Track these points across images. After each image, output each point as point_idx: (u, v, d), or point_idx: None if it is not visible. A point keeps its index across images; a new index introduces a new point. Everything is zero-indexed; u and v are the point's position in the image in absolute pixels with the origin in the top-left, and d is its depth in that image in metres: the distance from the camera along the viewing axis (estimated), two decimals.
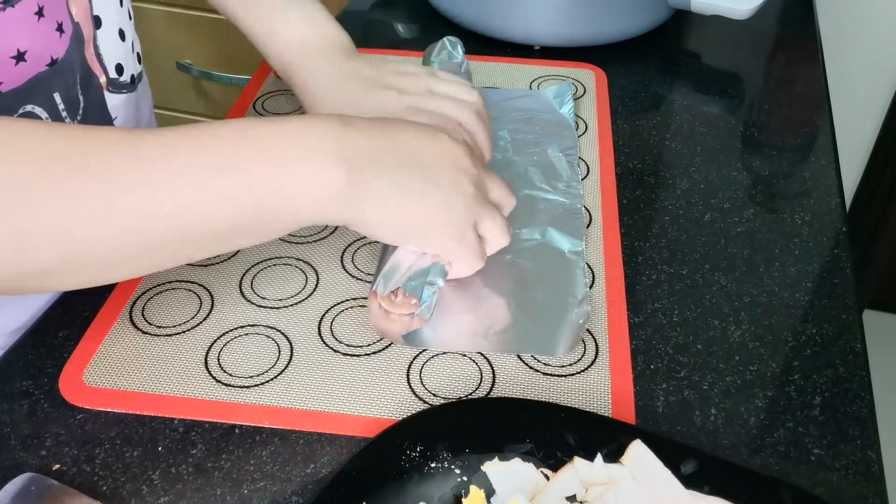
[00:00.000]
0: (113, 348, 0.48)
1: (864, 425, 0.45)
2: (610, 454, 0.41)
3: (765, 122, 0.72)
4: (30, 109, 0.50)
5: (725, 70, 0.80)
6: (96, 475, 0.42)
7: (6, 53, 0.47)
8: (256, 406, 0.45)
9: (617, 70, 0.76)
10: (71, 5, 0.52)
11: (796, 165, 0.67)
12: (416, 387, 0.46)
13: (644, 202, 0.61)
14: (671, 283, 0.54)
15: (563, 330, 0.49)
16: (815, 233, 0.59)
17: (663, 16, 0.82)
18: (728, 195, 0.62)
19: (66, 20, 0.51)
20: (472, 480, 0.40)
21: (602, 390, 0.47)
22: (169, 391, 0.46)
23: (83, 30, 0.54)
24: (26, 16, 0.48)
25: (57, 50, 0.50)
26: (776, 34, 0.87)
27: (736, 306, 0.52)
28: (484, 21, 0.80)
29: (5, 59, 0.47)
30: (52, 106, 0.52)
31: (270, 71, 0.75)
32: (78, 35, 0.53)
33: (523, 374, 0.47)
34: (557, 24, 0.79)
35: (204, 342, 0.49)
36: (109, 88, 0.58)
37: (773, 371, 0.48)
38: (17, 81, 0.48)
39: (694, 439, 0.44)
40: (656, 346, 0.50)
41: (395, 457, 0.41)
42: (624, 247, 0.57)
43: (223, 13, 0.65)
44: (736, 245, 0.57)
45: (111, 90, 0.59)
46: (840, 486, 0.43)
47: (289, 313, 0.51)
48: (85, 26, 0.54)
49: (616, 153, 0.66)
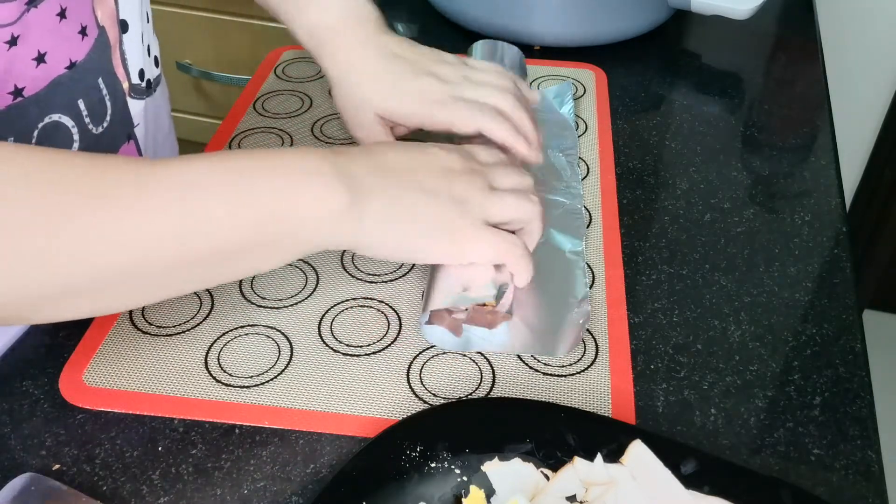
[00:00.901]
0: (113, 348, 0.48)
1: (864, 425, 0.45)
2: (610, 454, 0.41)
3: (765, 122, 0.72)
4: (56, 119, 0.50)
5: (725, 70, 0.80)
6: (96, 475, 0.42)
7: (28, 55, 0.47)
8: (256, 406, 0.45)
9: (617, 70, 0.76)
10: (97, 9, 0.51)
11: (796, 165, 0.67)
12: (416, 387, 0.46)
13: (644, 202, 0.61)
14: (671, 283, 0.54)
15: (563, 330, 0.49)
16: (815, 233, 0.59)
17: (663, 16, 0.82)
18: (728, 195, 0.62)
19: (90, 24, 0.51)
20: (472, 480, 0.40)
21: (602, 390, 0.47)
22: (169, 391, 0.46)
23: (109, 34, 0.53)
24: (48, 17, 0.47)
25: (77, 53, 0.50)
26: (776, 34, 0.87)
27: (736, 306, 0.52)
28: (484, 21, 0.80)
29: (27, 62, 0.47)
30: (77, 114, 0.51)
31: (270, 71, 0.75)
32: (104, 39, 0.53)
33: (523, 374, 0.47)
34: (557, 24, 0.79)
35: (204, 342, 0.49)
36: (131, 94, 0.58)
37: (773, 371, 0.48)
38: (39, 85, 0.48)
39: (694, 439, 0.44)
40: (656, 346, 0.50)
41: (395, 457, 0.41)
42: (624, 247, 0.57)
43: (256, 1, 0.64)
44: (736, 245, 0.57)
45: (132, 96, 0.58)
46: (840, 486, 0.43)
47: (289, 313, 0.51)
48: (111, 30, 0.54)
49: (616, 153, 0.66)
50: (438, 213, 0.47)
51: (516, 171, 0.52)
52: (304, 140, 0.66)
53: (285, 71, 0.75)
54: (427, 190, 0.46)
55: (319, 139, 0.66)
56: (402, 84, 0.57)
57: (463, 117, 0.56)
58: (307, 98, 0.71)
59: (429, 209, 0.46)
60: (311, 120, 0.68)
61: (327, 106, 0.70)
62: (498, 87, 0.58)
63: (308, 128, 0.67)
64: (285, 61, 0.76)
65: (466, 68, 0.59)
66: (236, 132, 0.66)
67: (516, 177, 0.51)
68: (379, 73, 0.57)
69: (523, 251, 0.49)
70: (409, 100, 0.56)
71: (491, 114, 0.56)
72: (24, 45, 0.46)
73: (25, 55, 0.47)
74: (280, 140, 0.66)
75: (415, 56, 0.58)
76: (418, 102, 0.56)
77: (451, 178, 0.48)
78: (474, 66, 0.60)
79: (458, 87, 0.57)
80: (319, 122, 0.68)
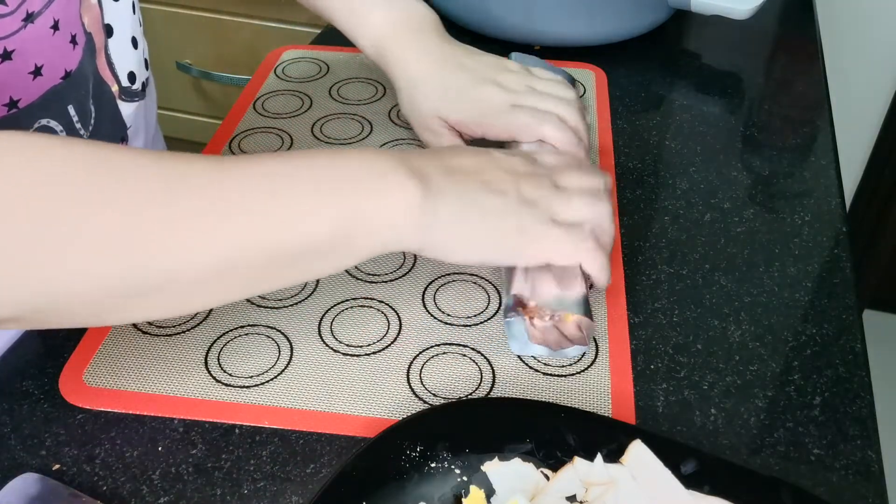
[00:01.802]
0: (113, 348, 0.48)
1: (864, 425, 0.45)
2: (610, 454, 0.41)
3: (765, 122, 0.72)
4: (45, 123, 0.50)
5: (725, 70, 0.80)
6: (96, 475, 0.42)
7: (25, 69, 0.47)
8: (256, 406, 0.45)
9: (617, 70, 0.76)
10: (83, 15, 0.52)
11: (796, 165, 0.67)
12: (416, 387, 0.46)
13: (644, 202, 0.61)
14: (671, 283, 0.54)
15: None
16: (815, 233, 0.59)
17: (663, 16, 0.82)
18: (728, 195, 0.62)
19: (79, 31, 0.51)
20: (472, 480, 0.40)
21: (602, 390, 0.47)
22: (169, 391, 0.46)
23: (95, 39, 0.54)
24: (43, 31, 0.47)
25: (71, 62, 0.50)
26: (776, 34, 0.87)
27: (736, 306, 0.52)
28: (484, 21, 0.80)
29: (24, 76, 0.47)
30: (67, 119, 0.51)
31: (270, 71, 0.75)
32: (90, 45, 0.53)
33: (523, 374, 0.47)
34: (557, 24, 0.79)
35: (204, 342, 0.49)
36: (122, 97, 0.58)
37: (773, 371, 0.48)
38: (34, 96, 0.48)
39: (694, 439, 0.44)
40: (656, 346, 0.50)
41: (395, 457, 0.41)
42: (624, 247, 0.57)
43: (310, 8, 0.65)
44: (736, 245, 0.57)
45: (123, 98, 0.58)
46: (840, 486, 0.43)
47: (289, 313, 0.51)
48: (97, 36, 0.54)
49: (616, 153, 0.66)
50: (507, 213, 0.46)
51: (584, 172, 0.51)
52: (304, 140, 0.66)
53: (285, 71, 0.75)
54: (495, 191, 0.46)
55: (319, 139, 0.66)
56: (466, 93, 0.58)
57: (525, 125, 0.56)
58: (307, 98, 0.71)
59: (497, 209, 0.46)
60: (311, 120, 0.68)
61: (327, 106, 0.70)
62: (560, 97, 0.58)
63: (308, 128, 0.67)
64: (285, 61, 0.76)
65: (530, 77, 0.59)
66: (236, 132, 0.66)
67: (584, 177, 0.50)
68: (444, 84, 0.58)
69: (596, 247, 0.48)
70: (473, 109, 0.57)
71: (554, 122, 0.56)
72: (20, 59, 0.47)
73: (22, 69, 0.47)
74: (280, 140, 0.66)
75: (475, 65, 0.59)
76: (481, 111, 0.57)
77: (518, 179, 0.47)
78: (538, 75, 0.60)
79: (522, 97, 0.57)
80: (319, 122, 0.68)
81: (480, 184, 0.46)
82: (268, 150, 0.65)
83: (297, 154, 0.43)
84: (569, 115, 0.57)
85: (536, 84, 0.59)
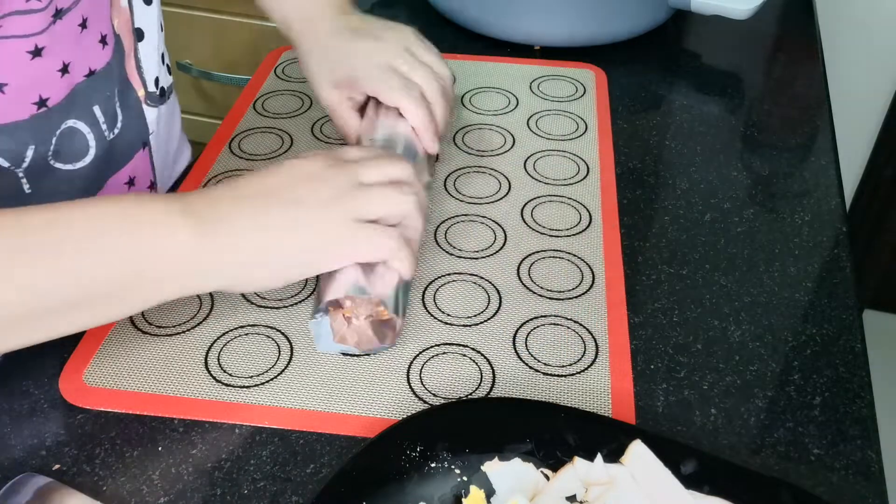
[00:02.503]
0: (113, 348, 0.48)
1: (864, 425, 0.45)
2: (610, 454, 0.41)
3: (765, 122, 0.72)
4: (71, 124, 0.50)
5: (725, 70, 0.80)
6: (96, 475, 0.42)
7: (54, 67, 0.47)
8: (256, 406, 0.45)
9: (617, 70, 0.76)
10: (113, 17, 0.52)
11: (796, 165, 0.67)
12: (416, 387, 0.46)
13: (644, 202, 0.61)
14: (671, 283, 0.54)
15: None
16: (815, 233, 0.59)
17: (663, 16, 0.82)
18: (728, 195, 0.62)
19: (108, 33, 0.51)
20: (472, 480, 0.40)
21: (602, 390, 0.46)
22: (169, 391, 0.46)
23: (124, 42, 0.54)
24: (72, 28, 0.48)
25: (97, 62, 0.51)
26: (776, 34, 0.87)
27: (736, 306, 0.52)
28: (484, 21, 0.80)
29: (52, 73, 0.47)
30: (93, 120, 0.52)
31: (270, 71, 0.75)
32: (119, 47, 0.53)
33: (523, 374, 0.47)
34: (557, 24, 0.79)
35: (204, 342, 0.49)
36: (147, 102, 0.58)
37: (773, 371, 0.48)
38: (61, 94, 0.49)
39: (694, 439, 0.44)
40: (656, 346, 0.50)
41: (395, 457, 0.41)
42: (624, 247, 0.56)
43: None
44: (736, 245, 0.57)
45: (149, 104, 0.59)
46: (840, 486, 0.43)
47: (289, 313, 0.51)
48: (126, 38, 0.54)
49: (616, 153, 0.66)
50: (303, 225, 0.45)
51: (389, 163, 0.49)
52: (303, 140, 0.66)
53: (285, 71, 0.75)
54: (290, 202, 0.45)
55: (319, 139, 0.66)
56: (347, 48, 0.59)
57: (389, 88, 0.56)
58: (307, 98, 0.71)
59: (291, 224, 0.45)
60: (311, 120, 0.68)
61: None
62: (431, 70, 0.58)
63: (308, 128, 0.67)
64: (285, 61, 0.76)
65: (415, 42, 0.60)
66: (236, 132, 0.66)
67: (388, 168, 0.49)
68: (330, 46, 0.59)
69: (399, 244, 0.46)
70: (353, 63, 0.58)
71: (414, 95, 0.56)
72: (49, 57, 0.47)
73: (51, 66, 0.47)
74: (280, 140, 0.66)
75: (364, 25, 0.60)
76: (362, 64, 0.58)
77: (315, 183, 0.46)
78: (424, 44, 0.60)
79: (396, 58, 0.58)
80: (319, 122, 0.68)
81: (271, 201, 0.45)
82: (268, 149, 0.65)
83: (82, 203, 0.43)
84: (432, 91, 0.57)
85: (415, 49, 0.59)
